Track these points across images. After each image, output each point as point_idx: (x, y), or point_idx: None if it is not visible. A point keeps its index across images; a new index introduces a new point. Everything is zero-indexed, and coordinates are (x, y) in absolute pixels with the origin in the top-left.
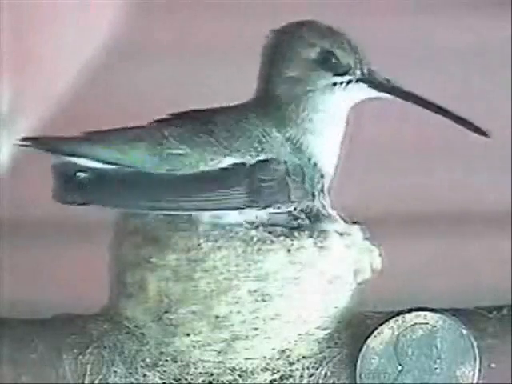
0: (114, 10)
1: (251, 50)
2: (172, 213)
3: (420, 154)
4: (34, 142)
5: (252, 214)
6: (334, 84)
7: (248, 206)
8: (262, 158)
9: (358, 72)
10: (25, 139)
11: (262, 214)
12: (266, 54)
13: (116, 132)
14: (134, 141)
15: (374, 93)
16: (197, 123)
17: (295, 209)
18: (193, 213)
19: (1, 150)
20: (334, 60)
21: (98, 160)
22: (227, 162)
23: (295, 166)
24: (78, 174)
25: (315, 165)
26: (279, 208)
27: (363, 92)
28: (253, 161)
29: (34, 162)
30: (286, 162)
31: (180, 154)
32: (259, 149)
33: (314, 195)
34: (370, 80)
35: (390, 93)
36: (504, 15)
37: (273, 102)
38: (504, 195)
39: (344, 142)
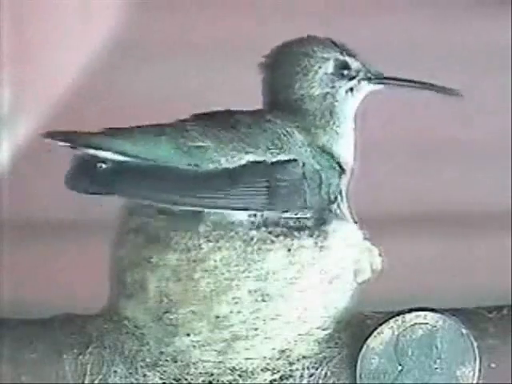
0: (115, 10)
1: (253, 49)
2: (192, 209)
3: (420, 154)
4: (57, 136)
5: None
6: (351, 89)
7: (267, 209)
8: (281, 157)
9: (362, 73)
10: (48, 134)
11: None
12: (272, 69)
13: (139, 128)
14: (157, 135)
15: (370, 87)
16: (219, 120)
17: (311, 216)
18: (212, 210)
19: (1, 149)
20: (347, 67)
21: (122, 154)
22: (248, 159)
23: (313, 170)
24: (98, 164)
25: (334, 167)
26: (296, 214)
27: (366, 88)
28: (273, 159)
29: (34, 162)
30: (304, 165)
31: (202, 147)
32: (280, 146)
33: (332, 201)
34: (369, 76)
35: (383, 83)
36: (504, 15)
37: (297, 114)
38: (503, 195)
39: None
